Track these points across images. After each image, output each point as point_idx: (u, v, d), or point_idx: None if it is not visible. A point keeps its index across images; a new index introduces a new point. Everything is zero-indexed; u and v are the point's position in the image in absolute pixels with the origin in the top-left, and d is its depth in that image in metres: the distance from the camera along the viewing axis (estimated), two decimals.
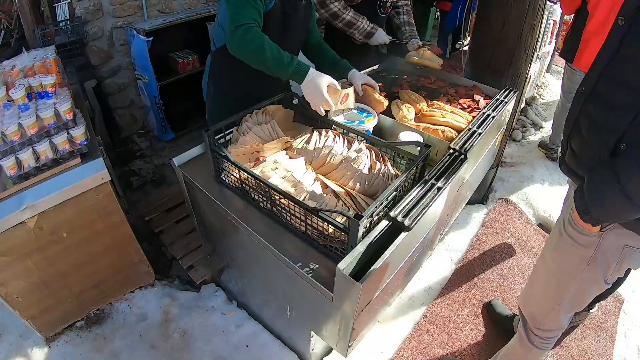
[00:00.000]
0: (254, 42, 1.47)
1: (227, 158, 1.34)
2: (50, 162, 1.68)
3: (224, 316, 2.12)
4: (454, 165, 1.42)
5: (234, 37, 1.49)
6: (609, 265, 1.29)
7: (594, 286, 1.39)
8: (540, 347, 1.65)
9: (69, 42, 2.95)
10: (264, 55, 1.47)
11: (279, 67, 1.48)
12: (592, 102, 1.16)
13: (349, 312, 1.14)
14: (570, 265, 1.38)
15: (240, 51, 1.52)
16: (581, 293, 1.43)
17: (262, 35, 1.48)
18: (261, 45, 1.46)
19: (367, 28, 2.38)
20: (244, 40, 1.47)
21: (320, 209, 1.12)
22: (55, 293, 1.89)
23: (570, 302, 1.46)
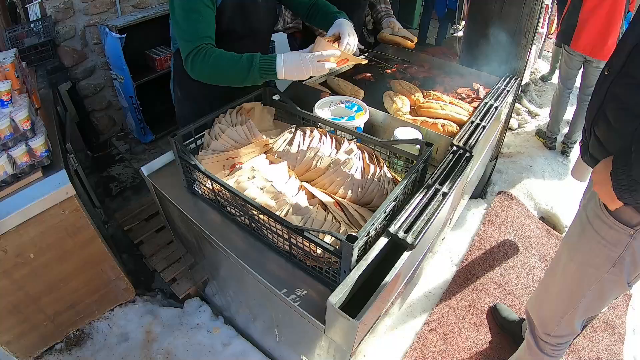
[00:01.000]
0: (206, 64, 1.33)
1: (197, 167, 1.16)
2: (10, 178, 1.53)
3: (210, 334, 1.98)
4: (459, 165, 1.25)
5: (187, 67, 1.37)
6: (637, 266, 1.17)
7: (615, 289, 1.29)
8: (552, 354, 1.53)
9: (40, 43, 2.81)
10: (222, 71, 1.33)
11: (244, 77, 1.32)
12: (621, 84, 1.03)
13: (344, 347, 0.97)
14: (593, 265, 1.25)
15: (200, 77, 1.39)
16: (601, 296, 1.31)
17: (213, 52, 1.33)
18: (215, 63, 1.32)
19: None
20: (196, 67, 1.35)
21: (305, 229, 0.94)
22: (29, 317, 1.78)
23: (587, 305, 1.35)
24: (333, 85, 1.90)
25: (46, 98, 2.16)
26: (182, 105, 1.85)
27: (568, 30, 2.91)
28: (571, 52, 3.00)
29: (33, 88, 2.01)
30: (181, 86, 1.79)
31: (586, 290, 1.30)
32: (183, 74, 1.74)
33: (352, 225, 1.13)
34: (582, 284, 1.31)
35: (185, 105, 1.84)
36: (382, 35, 2.19)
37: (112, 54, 3.01)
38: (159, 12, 3.10)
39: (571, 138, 3.38)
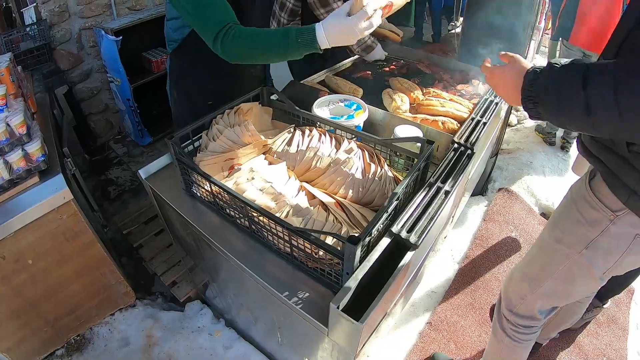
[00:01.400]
0: (239, 45, 1.22)
1: (195, 169, 1.14)
2: (7, 184, 1.51)
3: (211, 337, 1.96)
4: (460, 163, 1.23)
5: (218, 50, 1.26)
6: (611, 255, 1.11)
7: (583, 278, 1.20)
8: (513, 336, 1.45)
9: (36, 47, 2.79)
10: (259, 51, 1.22)
11: (282, 52, 1.19)
12: None
13: (348, 349, 0.95)
14: (567, 243, 1.19)
15: (235, 59, 1.27)
16: (566, 281, 1.24)
17: (243, 32, 1.22)
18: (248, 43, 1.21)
19: (368, 41, 2.16)
20: (228, 50, 1.24)
21: (307, 230, 0.92)
22: (29, 323, 1.76)
23: (552, 288, 1.28)
24: (331, 84, 1.88)
25: (42, 102, 2.14)
26: (178, 106, 1.82)
27: (566, 24, 2.89)
28: (570, 46, 2.98)
29: (29, 92, 1.99)
30: (178, 87, 1.76)
31: (554, 269, 1.23)
32: (179, 75, 1.73)
33: (353, 225, 1.11)
34: (552, 262, 1.25)
35: (182, 106, 1.81)
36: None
37: (108, 56, 2.99)
38: (154, 14, 3.07)
39: (571, 133, 3.36)
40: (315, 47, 1.16)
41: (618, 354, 1.99)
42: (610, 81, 0.75)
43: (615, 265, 1.12)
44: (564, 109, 0.84)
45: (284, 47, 1.17)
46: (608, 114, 0.77)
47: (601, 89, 0.77)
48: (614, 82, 0.75)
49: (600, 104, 0.77)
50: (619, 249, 1.08)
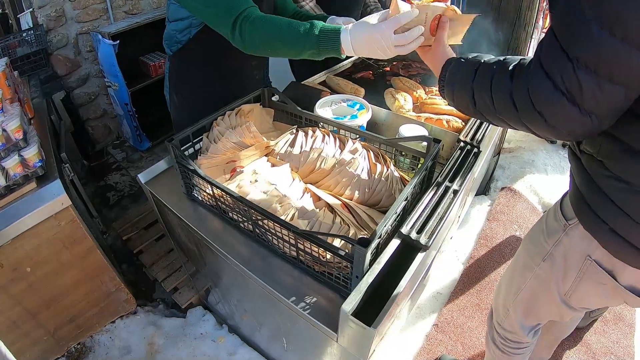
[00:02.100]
0: (257, 32, 1.12)
1: (196, 172, 1.11)
2: (3, 190, 1.48)
3: (215, 344, 1.92)
4: (467, 161, 1.20)
5: (236, 40, 1.16)
6: (566, 275, 1.04)
7: (545, 296, 1.14)
8: (502, 350, 1.42)
9: (32, 52, 2.77)
10: (277, 42, 1.11)
11: (300, 48, 1.08)
12: None
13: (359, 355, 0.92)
14: (531, 254, 1.15)
15: (253, 48, 1.17)
16: (532, 298, 1.19)
17: (263, 18, 1.12)
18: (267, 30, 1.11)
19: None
20: (246, 37, 1.13)
21: (314, 233, 0.89)
22: (28, 333, 1.73)
23: (524, 305, 1.24)
24: (332, 85, 1.86)
25: (40, 108, 2.11)
26: (178, 111, 1.79)
27: None
28: None
29: (26, 97, 1.97)
30: (177, 91, 1.72)
31: (521, 282, 1.20)
32: (178, 78, 1.69)
33: (361, 227, 1.08)
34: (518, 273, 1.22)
35: (182, 110, 1.77)
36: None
37: (105, 61, 2.96)
38: (151, 18, 3.05)
39: None
40: (337, 52, 1.05)
41: (626, 351, 1.96)
42: (488, 77, 0.81)
43: (572, 290, 1.05)
44: (457, 97, 0.92)
45: (303, 40, 1.06)
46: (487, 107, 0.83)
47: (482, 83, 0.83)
48: (491, 78, 0.81)
49: (481, 97, 0.83)
50: (572, 268, 1.01)
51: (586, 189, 0.89)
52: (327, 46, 1.04)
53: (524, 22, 2.09)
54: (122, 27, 2.89)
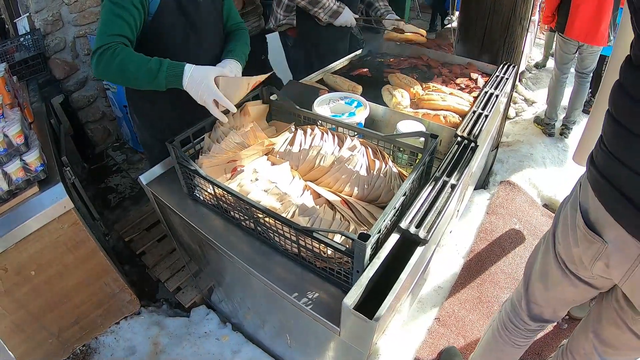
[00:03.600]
0: (113, 62, 1.23)
1: (198, 172, 1.12)
2: (6, 195, 1.49)
3: (219, 342, 1.94)
4: (465, 156, 1.22)
5: (92, 62, 1.26)
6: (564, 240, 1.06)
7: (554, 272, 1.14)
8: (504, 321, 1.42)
9: (30, 57, 2.77)
10: (129, 74, 1.24)
11: (150, 80, 1.24)
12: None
13: (360, 349, 0.94)
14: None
15: (104, 76, 1.30)
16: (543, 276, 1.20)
17: (122, 51, 1.24)
18: (121, 63, 1.23)
19: (333, 6, 2.15)
20: (100, 65, 1.24)
21: (314, 229, 0.91)
22: (33, 336, 1.74)
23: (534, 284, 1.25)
24: (330, 82, 1.87)
25: (39, 112, 2.12)
26: (142, 132, 1.76)
27: (562, 18, 2.93)
28: (566, 38, 3.01)
29: (25, 102, 1.98)
30: (137, 113, 1.70)
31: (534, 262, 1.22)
32: (137, 100, 1.67)
33: (361, 223, 1.09)
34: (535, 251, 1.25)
35: (145, 131, 1.74)
36: (389, 34, 2.14)
37: None
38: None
39: (570, 117, 3.40)
40: (180, 84, 1.25)
41: None
42: None
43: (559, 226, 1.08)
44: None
45: (155, 73, 1.23)
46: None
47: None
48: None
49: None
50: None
51: None
52: (173, 77, 1.24)
53: (519, 17, 2.10)
54: None
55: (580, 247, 0.98)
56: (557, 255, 1.10)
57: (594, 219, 0.92)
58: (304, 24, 2.32)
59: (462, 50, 2.30)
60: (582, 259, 1.00)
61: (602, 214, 0.89)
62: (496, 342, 1.45)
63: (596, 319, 1.13)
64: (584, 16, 2.79)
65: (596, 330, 1.12)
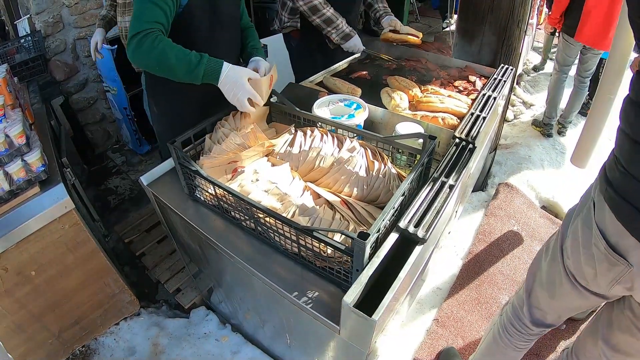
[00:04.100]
0: (153, 50, 1.26)
1: (199, 173, 1.14)
2: (7, 195, 1.50)
3: (218, 343, 1.95)
4: (463, 157, 1.23)
5: (130, 47, 1.28)
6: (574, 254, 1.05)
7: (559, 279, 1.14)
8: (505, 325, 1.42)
9: (30, 58, 2.76)
10: (168, 63, 1.27)
11: (188, 72, 1.28)
12: None
13: (360, 347, 0.95)
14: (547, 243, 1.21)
15: (141, 62, 1.32)
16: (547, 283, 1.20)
17: (163, 40, 1.28)
18: (162, 51, 1.26)
19: (346, 30, 2.17)
20: (140, 50, 1.27)
21: (314, 228, 0.92)
22: (33, 336, 1.74)
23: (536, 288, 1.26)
24: (330, 85, 1.88)
25: (39, 113, 2.13)
26: (160, 122, 1.79)
27: (573, 23, 2.98)
28: (572, 41, 3.08)
29: (26, 103, 1.99)
30: (157, 103, 1.73)
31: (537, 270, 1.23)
32: (157, 90, 1.70)
33: (360, 223, 1.11)
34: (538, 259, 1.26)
35: (163, 123, 1.77)
36: (385, 35, 2.16)
37: (103, 65, 2.96)
38: None
39: (567, 118, 3.46)
40: (216, 79, 1.30)
41: None
42: None
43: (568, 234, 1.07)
44: None
45: (195, 65, 1.27)
46: None
47: None
48: None
49: None
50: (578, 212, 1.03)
51: None
52: (210, 73, 1.29)
53: (517, 19, 2.12)
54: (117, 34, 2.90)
55: (597, 268, 0.97)
56: (566, 268, 1.10)
57: (615, 241, 0.90)
58: (308, 27, 2.34)
59: (460, 53, 2.33)
60: (597, 279, 0.99)
61: (624, 235, 0.87)
62: (497, 345, 1.46)
63: (606, 325, 1.12)
64: (594, 22, 2.85)
65: (606, 337, 1.12)
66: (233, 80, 1.28)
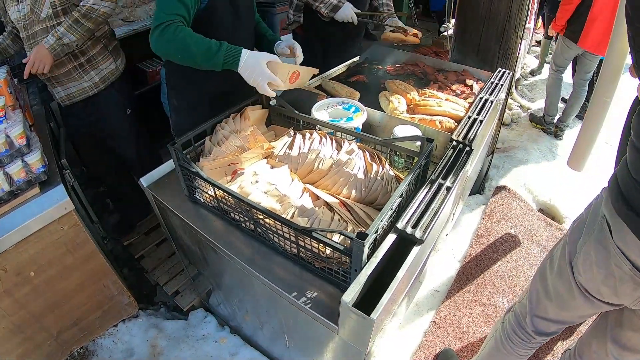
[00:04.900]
0: (175, 39, 1.33)
1: (199, 174, 1.15)
2: (7, 195, 1.51)
3: (217, 344, 1.95)
4: (460, 159, 1.25)
5: (153, 37, 1.35)
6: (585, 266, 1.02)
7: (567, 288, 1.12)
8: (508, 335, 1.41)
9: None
10: (189, 51, 1.33)
11: (208, 59, 1.34)
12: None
13: (360, 347, 0.96)
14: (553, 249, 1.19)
15: (163, 51, 1.39)
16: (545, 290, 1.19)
17: (184, 30, 1.34)
18: (183, 40, 1.32)
19: (334, 2, 2.20)
20: (162, 40, 1.33)
21: (314, 229, 0.93)
22: (32, 337, 1.74)
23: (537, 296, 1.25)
24: (328, 88, 1.90)
25: (39, 115, 2.13)
26: (179, 114, 1.84)
27: (577, 29, 3.08)
28: (572, 46, 3.19)
29: (26, 105, 2.00)
30: (177, 95, 1.78)
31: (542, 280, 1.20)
32: (176, 83, 1.75)
33: (358, 224, 1.12)
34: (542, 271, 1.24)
35: (182, 115, 1.82)
36: (385, 35, 2.18)
37: None
38: (148, 25, 3.05)
39: (565, 121, 3.54)
40: (236, 65, 1.34)
41: None
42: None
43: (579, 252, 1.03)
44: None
45: (214, 53, 1.32)
46: None
47: None
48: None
49: None
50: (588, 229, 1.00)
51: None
52: (230, 59, 1.33)
53: (514, 24, 2.14)
54: (119, 35, 2.91)
55: (619, 287, 0.95)
56: (578, 284, 1.07)
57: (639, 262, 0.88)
58: (309, 19, 2.37)
59: (457, 57, 2.35)
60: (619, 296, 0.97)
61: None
62: (499, 353, 1.46)
63: (615, 325, 1.12)
64: (598, 29, 2.95)
65: (616, 336, 1.12)
66: (252, 65, 1.32)
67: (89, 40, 1.97)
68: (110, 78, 2.11)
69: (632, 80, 1.97)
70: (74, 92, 2.04)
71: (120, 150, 2.32)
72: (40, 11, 1.82)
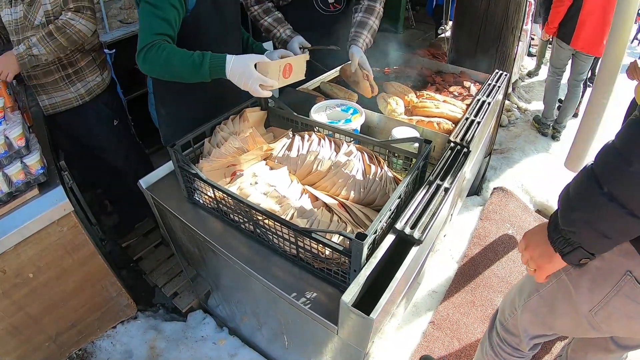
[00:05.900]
0: (159, 60, 1.33)
1: (198, 176, 1.15)
2: (6, 197, 1.51)
3: (216, 346, 1.95)
4: (458, 161, 1.26)
5: (139, 61, 1.37)
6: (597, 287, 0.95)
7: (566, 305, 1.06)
8: (496, 351, 1.38)
9: None
10: (174, 69, 1.33)
11: (195, 72, 1.33)
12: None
13: (358, 347, 0.97)
14: None
15: (151, 73, 1.42)
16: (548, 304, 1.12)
17: (166, 48, 1.34)
18: (167, 59, 1.32)
19: (283, 36, 1.98)
20: (147, 62, 1.35)
21: (313, 230, 0.94)
22: (31, 338, 1.74)
23: (535, 308, 1.18)
24: (326, 90, 1.90)
25: (37, 116, 2.14)
26: (167, 124, 1.82)
27: (569, 30, 3.15)
28: (564, 47, 3.26)
29: (24, 106, 2.00)
30: (164, 105, 1.77)
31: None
32: (163, 92, 1.75)
33: (357, 225, 1.13)
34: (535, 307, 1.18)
35: (170, 125, 1.81)
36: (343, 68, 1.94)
37: None
38: None
39: (562, 122, 3.59)
40: (223, 73, 1.32)
41: None
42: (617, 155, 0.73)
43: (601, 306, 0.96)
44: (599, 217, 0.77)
45: (198, 66, 1.31)
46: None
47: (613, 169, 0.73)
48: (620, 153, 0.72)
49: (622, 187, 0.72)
50: (606, 282, 0.93)
51: None
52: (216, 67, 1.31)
53: (511, 26, 2.16)
54: (117, 36, 2.92)
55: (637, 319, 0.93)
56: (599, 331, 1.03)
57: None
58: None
59: (455, 59, 2.36)
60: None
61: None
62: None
63: None
64: (588, 30, 3.03)
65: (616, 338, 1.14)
66: (240, 69, 1.30)
67: (78, 52, 1.96)
68: (96, 90, 2.09)
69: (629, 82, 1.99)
70: (58, 102, 2.03)
71: (110, 161, 2.30)
72: (34, 19, 1.82)
